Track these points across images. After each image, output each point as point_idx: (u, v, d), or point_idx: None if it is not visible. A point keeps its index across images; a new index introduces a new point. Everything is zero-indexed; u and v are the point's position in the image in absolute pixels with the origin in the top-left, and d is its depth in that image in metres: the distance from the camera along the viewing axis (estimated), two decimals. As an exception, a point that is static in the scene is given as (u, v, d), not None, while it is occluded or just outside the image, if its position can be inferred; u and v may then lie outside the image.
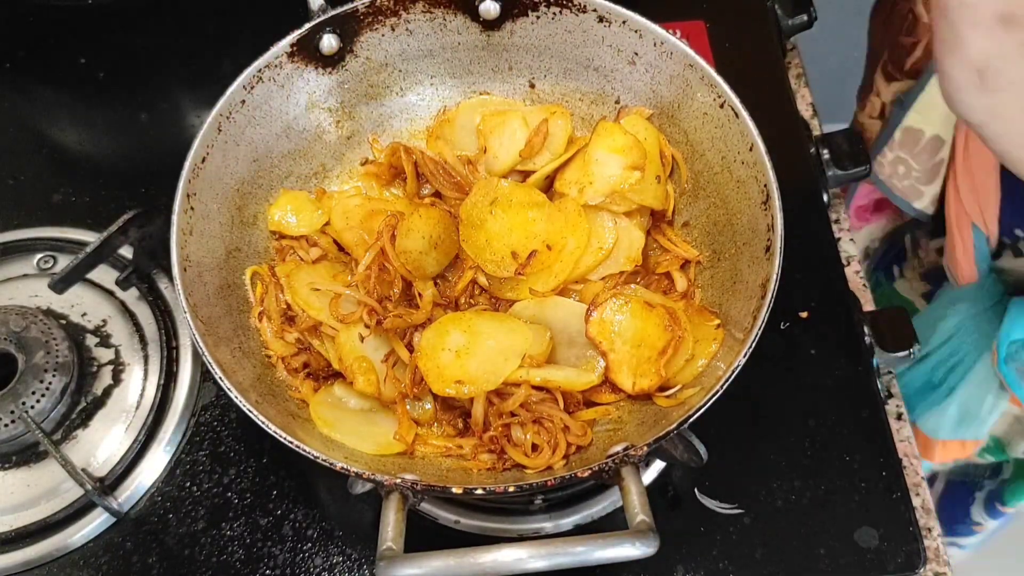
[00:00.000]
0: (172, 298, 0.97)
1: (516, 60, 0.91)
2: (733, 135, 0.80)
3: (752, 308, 0.74)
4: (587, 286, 0.84)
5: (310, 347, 0.82)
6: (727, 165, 0.82)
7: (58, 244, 1.01)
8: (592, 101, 0.92)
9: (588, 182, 0.83)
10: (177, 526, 0.87)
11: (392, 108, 0.94)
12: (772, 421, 0.92)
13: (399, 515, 0.65)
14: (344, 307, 0.82)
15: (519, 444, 0.76)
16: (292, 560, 0.85)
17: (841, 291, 0.98)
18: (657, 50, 0.84)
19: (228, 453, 0.91)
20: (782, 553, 0.85)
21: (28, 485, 0.88)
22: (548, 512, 0.87)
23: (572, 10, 0.85)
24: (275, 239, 0.88)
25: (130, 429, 0.90)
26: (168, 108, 1.14)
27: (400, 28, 0.88)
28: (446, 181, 0.89)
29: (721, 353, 0.77)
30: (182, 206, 0.77)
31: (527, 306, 0.82)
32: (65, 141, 1.14)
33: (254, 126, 0.84)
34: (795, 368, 0.94)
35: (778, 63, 1.13)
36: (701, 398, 0.68)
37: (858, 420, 0.91)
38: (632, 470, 0.66)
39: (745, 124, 0.78)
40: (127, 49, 1.17)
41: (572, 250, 0.82)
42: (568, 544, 0.62)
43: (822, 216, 1.03)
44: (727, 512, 0.87)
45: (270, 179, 0.88)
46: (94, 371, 0.93)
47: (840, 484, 0.88)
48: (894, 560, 0.84)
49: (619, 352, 0.78)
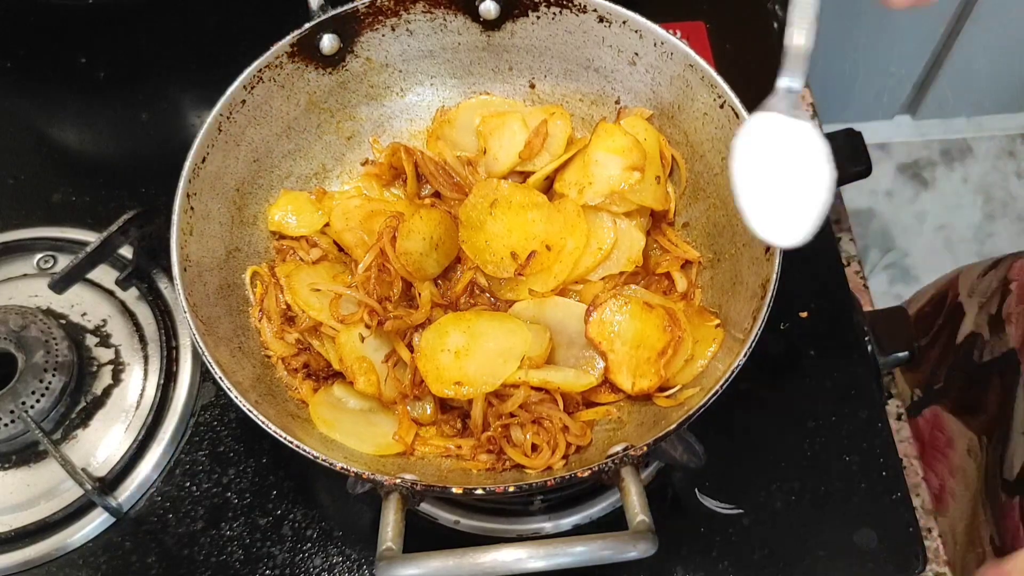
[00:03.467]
0: (172, 298, 0.97)
1: (516, 61, 0.91)
2: (733, 135, 0.80)
3: (752, 308, 0.74)
4: (587, 287, 0.84)
5: (310, 347, 0.82)
6: (727, 165, 0.82)
7: (58, 244, 1.01)
8: (592, 102, 0.92)
9: (588, 183, 0.83)
10: (176, 526, 0.87)
11: (392, 108, 0.94)
12: (772, 422, 0.92)
13: (399, 515, 0.65)
14: (344, 308, 0.82)
15: (518, 444, 0.76)
16: (291, 560, 0.85)
17: (841, 291, 0.98)
18: (657, 51, 0.84)
19: (227, 453, 0.91)
20: (781, 554, 0.85)
21: (28, 485, 0.88)
22: (548, 512, 0.87)
23: (572, 10, 0.85)
24: (275, 239, 0.88)
25: (130, 429, 0.90)
26: (168, 108, 1.14)
27: (400, 28, 0.88)
28: (446, 182, 0.89)
29: (721, 353, 0.77)
30: (182, 206, 0.77)
31: (527, 307, 0.82)
32: (65, 141, 1.14)
33: (254, 126, 0.84)
34: (795, 368, 0.94)
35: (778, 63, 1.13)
36: (701, 399, 0.68)
37: (858, 420, 0.91)
38: (632, 470, 0.66)
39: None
40: (127, 49, 1.17)
41: (571, 251, 0.82)
42: (568, 544, 0.62)
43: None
44: (727, 512, 0.87)
45: (270, 179, 0.88)
46: (94, 371, 0.93)
47: (840, 485, 0.88)
48: (894, 561, 0.84)
49: (619, 353, 0.78)
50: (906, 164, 2.38)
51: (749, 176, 0.62)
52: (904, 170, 2.37)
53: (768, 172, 0.62)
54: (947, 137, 2.39)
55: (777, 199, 0.61)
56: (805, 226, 0.60)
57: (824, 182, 0.60)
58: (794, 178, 0.61)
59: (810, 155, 0.61)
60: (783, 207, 0.61)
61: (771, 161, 0.62)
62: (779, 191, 0.61)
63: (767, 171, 0.62)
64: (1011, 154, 2.39)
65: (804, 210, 0.61)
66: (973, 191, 2.35)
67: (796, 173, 0.61)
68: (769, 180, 0.62)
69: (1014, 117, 2.39)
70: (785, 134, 0.61)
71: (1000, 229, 2.30)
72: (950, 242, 2.29)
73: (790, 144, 0.61)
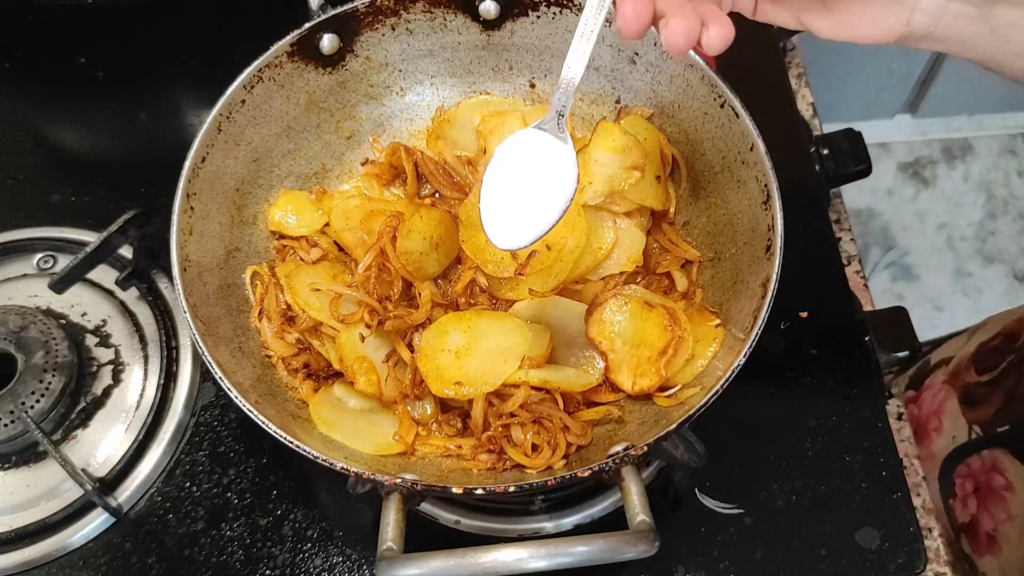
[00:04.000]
0: (172, 298, 0.97)
1: (516, 60, 0.91)
2: (733, 135, 0.80)
3: (752, 308, 0.74)
4: (587, 286, 0.84)
5: (310, 347, 0.82)
6: (727, 165, 0.82)
7: (58, 244, 1.01)
8: (592, 101, 0.91)
9: (588, 182, 0.83)
10: (177, 526, 0.87)
11: (392, 108, 0.93)
12: (772, 421, 0.92)
13: (399, 515, 0.65)
14: (344, 307, 0.81)
15: (519, 444, 0.76)
16: (292, 560, 0.85)
17: (841, 291, 0.98)
18: (657, 50, 0.84)
19: (228, 453, 0.91)
20: (783, 553, 0.85)
21: (28, 485, 0.88)
22: (548, 512, 0.87)
23: (572, 10, 0.85)
24: (275, 239, 0.88)
25: (130, 429, 0.90)
26: (168, 108, 1.14)
27: (400, 28, 0.88)
28: (446, 181, 0.89)
29: (721, 353, 0.77)
30: (182, 206, 0.77)
31: (527, 306, 0.82)
32: (64, 141, 1.14)
33: (254, 126, 0.84)
34: (795, 368, 0.94)
35: (778, 63, 1.13)
36: (701, 398, 0.68)
37: (858, 420, 0.91)
38: (632, 470, 0.66)
39: (745, 124, 0.78)
40: (127, 49, 1.17)
41: (571, 250, 0.82)
42: (568, 544, 0.62)
43: (822, 216, 1.03)
44: (728, 512, 0.87)
45: (270, 179, 0.88)
46: (94, 371, 0.93)
47: (841, 484, 0.88)
48: (895, 560, 0.84)
49: (619, 352, 0.78)
50: (907, 163, 2.38)
51: (498, 180, 0.68)
52: (905, 169, 2.37)
53: (515, 180, 0.68)
54: (948, 135, 2.39)
55: (514, 206, 0.68)
56: (526, 236, 0.67)
57: (561, 202, 0.67)
58: (536, 191, 0.68)
59: (559, 174, 0.67)
60: (516, 214, 0.68)
61: (521, 171, 0.68)
62: (518, 199, 0.68)
63: (515, 179, 0.68)
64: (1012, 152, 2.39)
65: (533, 221, 0.67)
66: (974, 189, 2.35)
67: (539, 187, 0.68)
68: (514, 187, 0.68)
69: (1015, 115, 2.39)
70: (543, 151, 0.68)
71: (1001, 227, 2.30)
72: (951, 241, 2.29)
73: (544, 160, 0.68)
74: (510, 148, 0.69)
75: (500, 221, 0.68)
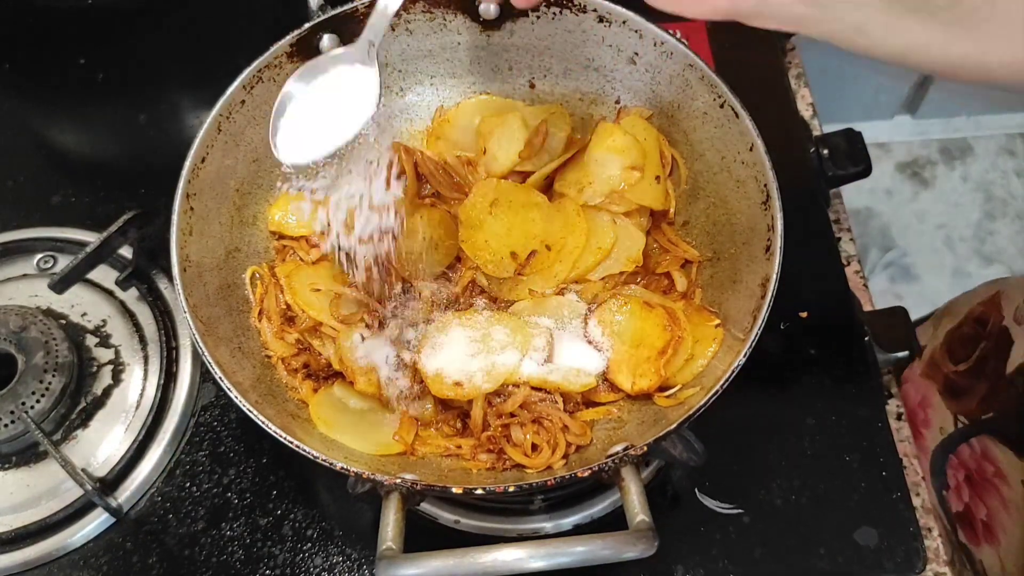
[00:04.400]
0: (172, 298, 0.97)
1: (516, 60, 0.91)
2: (733, 135, 0.80)
3: (752, 308, 0.74)
4: (587, 286, 0.84)
5: (310, 347, 0.82)
6: (727, 165, 0.82)
7: (58, 244, 1.01)
8: (592, 101, 0.92)
9: (587, 182, 0.83)
10: (177, 526, 0.87)
11: (392, 108, 0.93)
12: (772, 421, 0.92)
13: (399, 515, 0.65)
14: (344, 307, 0.82)
15: (519, 444, 0.76)
16: (292, 560, 0.85)
17: (841, 291, 0.98)
18: (657, 50, 0.84)
19: (228, 453, 0.91)
20: (782, 553, 0.85)
21: (28, 485, 0.88)
22: (548, 512, 0.87)
23: (572, 10, 0.85)
24: (275, 239, 0.88)
25: (130, 429, 0.90)
26: (168, 108, 1.14)
27: (400, 28, 0.88)
28: (446, 181, 0.89)
29: (721, 353, 0.77)
30: (182, 206, 0.77)
31: (527, 306, 0.82)
32: (64, 142, 1.14)
33: (254, 126, 0.84)
34: (794, 368, 0.94)
35: (778, 63, 1.13)
36: (701, 398, 0.68)
37: (858, 420, 0.91)
38: (632, 470, 0.66)
39: (745, 124, 0.78)
40: (126, 49, 1.17)
41: (571, 250, 0.82)
42: (568, 544, 0.62)
43: (822, 216, 1.03)
44: (727, 512, 0.87)
45: (270, 179, 0.88)
46: (94, 371, 0.93)
47: (840, 484, 0.88)
48: (894, 560, 0.84)
49: (618, 352, 0.78)
50: (906, 163, 2.37)
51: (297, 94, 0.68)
52: (904, 169, 2.37)
53: (315, 98, 0.68)
54: (947, 136, 2.39)
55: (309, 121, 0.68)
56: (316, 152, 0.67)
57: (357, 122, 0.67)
58: (335, 110, 0.68)
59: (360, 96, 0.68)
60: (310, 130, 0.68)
61: (323, 90, 0.69)
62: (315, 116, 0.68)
63: (315, 96, 0.68)
64: (1011, 152, 2.39)
65: (325, 138, 0.67)
66: (973, 190, 2.35)
67: (339, 107, 0.68)
68: (312, 104, 0.68)
69: (1014, 115, 2.38)
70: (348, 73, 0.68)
71: (1000, 228, 2.30)
72: (950, 241, 2.29)
73: (347, 82, 0.68)
74: (315, 67, 0.68)
75: (291, 135, 0.67)
